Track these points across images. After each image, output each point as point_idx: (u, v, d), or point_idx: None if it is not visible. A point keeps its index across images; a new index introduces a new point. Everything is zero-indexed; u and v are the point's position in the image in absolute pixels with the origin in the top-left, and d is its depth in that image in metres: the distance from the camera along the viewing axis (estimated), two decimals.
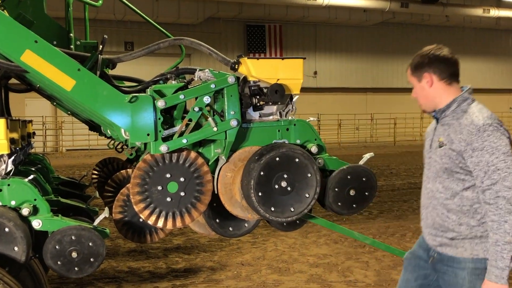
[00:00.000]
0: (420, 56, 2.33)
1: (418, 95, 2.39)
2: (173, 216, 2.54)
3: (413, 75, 2.36)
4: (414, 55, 2.39)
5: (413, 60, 2.37)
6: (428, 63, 2.30)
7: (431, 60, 2.30)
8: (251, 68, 2.54)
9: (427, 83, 2.32)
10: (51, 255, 2.55)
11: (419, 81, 2.35)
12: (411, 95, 2.45)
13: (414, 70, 2.35)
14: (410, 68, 2.38)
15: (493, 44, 29.49)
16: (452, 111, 2.30)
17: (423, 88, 2.34)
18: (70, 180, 4.59)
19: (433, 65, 2.30)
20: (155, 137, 2.38)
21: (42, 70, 2.21)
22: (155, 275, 5.21)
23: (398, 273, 5.13)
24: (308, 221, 3.01)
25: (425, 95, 2.36)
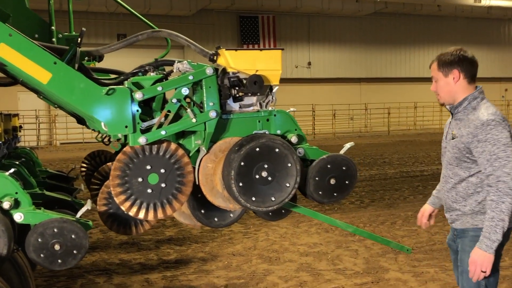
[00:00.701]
0: (450, 54, 2.61)
1: (441, 88, 2.66)
2: (154, 207, 2.55)
3: (440, 69, 2.63)
4: (440, 53, 2.66)
5: (441, 56, 2.64)
6: (458, 61, 2.59)
7: (461, 59, 2.60)
8: (230, 59, 2.55)
9: (453, 79, 2.61)
10: (33, 248, 2.56)
11: (445, 76, 2.62)
12: (431, 88, 2.71)
13: (442, 66, 2.62)
14: (437, 63, 2.65)
15: (485, 33, 29.54)
16: (464, 108, 2.62)
17: (448, 83, 2.62)
18: (58, 173, 4.60)
19: (462, 64, 2.60)
20: (134, 129, 2.39)
21: (17, 63, 2.21)
22: (146, 267, 5.24)
23: (387, 261, 5.21)
24: None
25: (449, 89, 2.64)
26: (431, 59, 2.78)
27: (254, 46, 24.45)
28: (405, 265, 5.10)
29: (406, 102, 26.98)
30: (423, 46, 28.30)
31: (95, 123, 2.71)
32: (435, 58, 2.69)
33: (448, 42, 28.65)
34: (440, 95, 2.67)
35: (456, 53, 2.60)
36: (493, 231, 2.44)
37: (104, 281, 4.81)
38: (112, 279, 4.85)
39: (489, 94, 12.38)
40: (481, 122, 2.49)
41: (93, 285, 4.71)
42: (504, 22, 30.23)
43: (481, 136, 2.48)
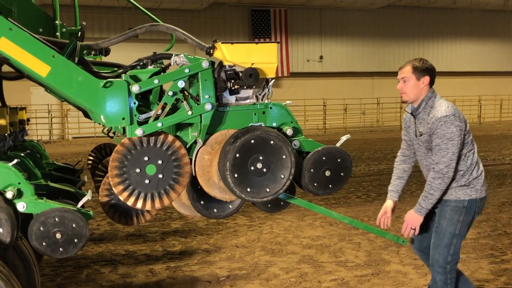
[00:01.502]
0: (423, 62, 3.16)
1: (410, 89, 3.17)
2: (152, 197, 2.61)
3: (414, 73, 3.15)
4: (413, 59, 3.18)
5: (415, 63, 3.15)
6: (429, 70, 3.16)
7: (431, 69, 3.18)
8: (226, 52, 2.59)
9: (423, 83, 3.15)
10: (35, 236, 2.64)
11: (417, 79, 3.15)
12: (398, 87, 3.23)
13: (416, 71, 3.14)
14: (412, 67, 3.15)
15: (501, 26, 29.10)
16: (423, 108, 3.18)
17: (418, 85, 3.14)
18: (65, 166, 4.68)
19: (432, 73, 3.18)
20: (131, 121, 2.44)
21: (17, 57, 2.28)
22: (151, 258, 5.33)
23: (389, 254, 5.24)
24: None
25: (417, 90, 3.16)
26: (445, 52, 3.43)
27: (266, 40, 24.44)
28: (406, 258, 5.12)
29: None
30: (438, 39, 27.97)
31: (95, 115, 2.78)
32: (407, 63, 3.19)
33: (463, 35, 28.36)
34: (407, 93, 3.18)
35: (428, 62, 3.17)
36: (423, 200, 3.15)
37: (109, 271, 4.92)
38: (117, 269, 4.95)
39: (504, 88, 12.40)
40: (436, 119, 3.07)
41: (99, 275, 4.81)
42: None
43: (435, 130, 3.07)
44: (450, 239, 3.19)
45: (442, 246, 3.21)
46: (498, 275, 4.71)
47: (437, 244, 3.23)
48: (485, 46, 29.02)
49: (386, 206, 3.39)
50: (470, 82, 28.84)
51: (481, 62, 29.08)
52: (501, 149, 14.97)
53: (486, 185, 3.34)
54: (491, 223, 6.56)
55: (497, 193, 8.52)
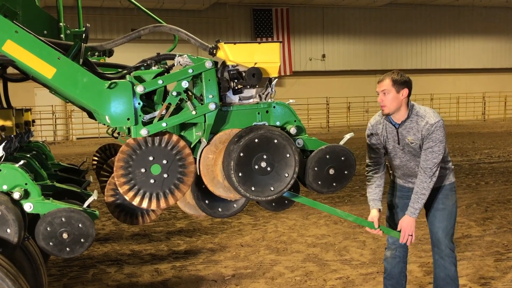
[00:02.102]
0: (401, 75, 3.29)
1: (390, 101, 3.28)
2: (157, 197, 2.63)
3: (394, 86, 3.27)
4: (391, 72, 3.31)
5: (393, 76, 3.28)
6: (407, 82, 3.30)
7: (409, 82, 3.32)
8: (228, 52, 2.61)
9: (402, 95, 3.27)
10: (42, 236, 2.66)
11: (397, 92, 3.27)
12: (379, 99, 3.33)
13: (396, 84, 3.26)
14: (391, 80, 3.27)
15: (503, 23, 28.99)
16: (410, 119, 3.32)
17: (398, 97, 3.26)
18: (70, 166, 4.71)
19: (410, 85, 3.32)
20: (135, 121, 2.46)
21: (23, 59, 2.30)
22: (156, 257, 5.36)
23: None
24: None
25: (397, 102, 3.28)
26: (448, 50, 3.55)
27: (268, 39, 24.45)
28: (411, 256, 5.13)
29: (422, 94, 26.68)
30: (440, 37, 27.90)
31: (100, 116, 2.80)
32: (385, 76, 3.31)
33: (466, 32, 28.28)
34: (387, 106, 3.28)
35: (405, 75, 3.32)
36: (416, 202, 3.29)
37: (115, 271, 4.95)
38: (123, 269, 4.98)
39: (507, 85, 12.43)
40: (430, 125, 3.25)
41: (104, 275, 4.84)
42: None
43: (429, 134, 3.25)
44: (455, 218, 3.49)
45: (450, 227, 3.45)
46: (504, 272, 4.71)
47: (445, 225, 3.44)
48: (488, 43, 28.92)
49: (373, 216, 3.42)
50: (473, 79, 28.77)
51: (484, 59, 29.00)
52: (506, 146, 14.94)
53: None
54: (497, 221, 6.55)
55: (502, 190, 8.51)
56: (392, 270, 3.63)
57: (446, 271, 3.48)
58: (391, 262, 3.62)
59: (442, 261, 3.48)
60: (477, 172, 10.40)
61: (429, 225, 3.58)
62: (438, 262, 3.51)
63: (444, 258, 3.47)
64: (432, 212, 3.51)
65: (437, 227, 3.46)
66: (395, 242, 3.60)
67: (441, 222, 3.45)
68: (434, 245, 3.52)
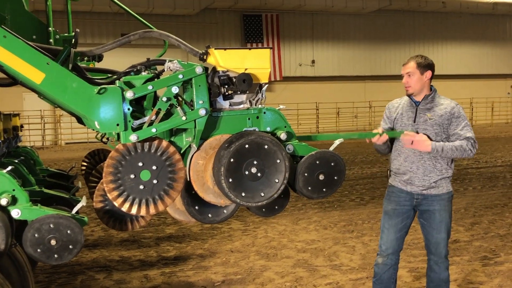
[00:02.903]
0: (425, 59, 3.51)
1: (415, 82, 3.47)
2: (146, 203, 2.61)
3: (418, 68, 3.47)
4: (416, 56, 3.55)
5: (418, 59, 3.50)
6: (431, 65, 3.52)
7: (432, 65, 3.54)
8: (219, 58, 2.61)
9: (426, 77, 3.48)
10: (30, 243, 2.63)
11: (421, 74, 3.46)
12: (403, 81, 3.52)
13: (420, 66, 3.46)
14: (416, 63, 3.48)
15: (490, 30, 29.39)
16: (432, 98, 3.51)
17: (422, 79, 3.45)
18: (58, 172, 4.68)
19: (433, 68, 3.53)
20: (125, 127, 2.45)
21: (12, 64, 2.28)
22: (146, 263, 5.32)
23: None
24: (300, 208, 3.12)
25: (421, 84, 3.47)
26: (436, 56, 3.88)
27: (258, 45, 24.50)
28: (400, 261, 5.12)
29: None
30: (428, 43, 28.18)
31: (89, 121, 2.78)
32: (410, 59, 3.53)
33: (453, 38, 28.59)
34: (412, 86, 3.47)
35: (429, 59, 3.53)
36: (444, 147, 3.36)
37: (104, 277, 4.90)
38: (111, 275, 4.94)
39: (494, 91, 12.53)
40: (454, 105, 3.48)
41: (93, 281, 4.80)
42: (510, 18, 30.03)
43: (455, 113, 3.43)
44: (450, 227, 3.56)
45: (446, 238, 3.53)
46: (492, 277, 4.75)
47: (442, 237, 3.52)
48: (475, 49, 29.26)
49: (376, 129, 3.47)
50: (461, 85, 29.04)
51: (472, 65, 29.32)
52: (493, 151, 15.09)
53: None
54: (484, 226, 6.61)
55: (489, 195, 8.59)
56: (382, 276, 3.65)
57: (441, 276, 3.57)
58: (382, 268, 3.65)
59: (437, 267, 3.57)
60: (465, 177, 10.49)
61: (425, 234, 3.60)
62: (434, 267, 3.58)
63: (439, 265, 3.56)
64: (430, 223, 3.54)
65: (435, 237, 3.53)
66: (387, 249, 3.61)
67: (439, 233, 3.52)
68: (431, 253, 3.59)
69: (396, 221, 3.58)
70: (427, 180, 3.48)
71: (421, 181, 3.49)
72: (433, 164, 3.48)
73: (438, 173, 3.48)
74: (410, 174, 3.52)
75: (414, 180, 3.50)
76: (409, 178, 3.52)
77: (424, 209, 3.55)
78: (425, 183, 3.49)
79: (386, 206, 3.66)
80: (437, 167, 3.48)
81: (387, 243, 3.61)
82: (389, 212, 3.63)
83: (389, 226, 3.60)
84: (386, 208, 3.66)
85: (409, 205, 3.57)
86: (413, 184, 3.52)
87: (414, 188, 3.52)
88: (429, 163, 3.47)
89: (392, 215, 3.60)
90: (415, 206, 3.57)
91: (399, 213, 3.58)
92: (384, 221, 3.65)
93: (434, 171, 3.47)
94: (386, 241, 3.62)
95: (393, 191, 3.63)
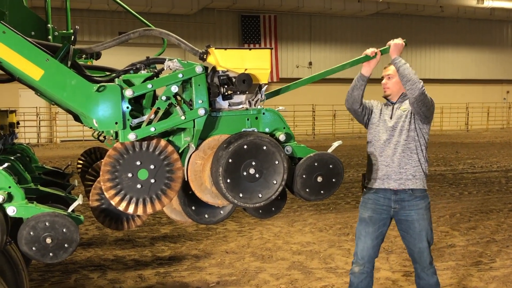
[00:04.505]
0: None
1: (394, 84, 3.63)
2: (143, 202, 2.59)
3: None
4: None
5: None
6: None
7: None
8: (219, 58, 2.59)
9: None
10: (25, 241, 2.60)
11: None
12: (383, 82, 3.67)
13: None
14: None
15: (487, 35, 29.54)
16: (402, 98, 3.64)
17: (399, 82, 3.55)
18: (54, 169, 4.64)
19: None
20: (123, 126, 2.43)
21: (10, 60, 2.26)
22: (140, 263, 5.30)
23: (378, 260, 5.21)
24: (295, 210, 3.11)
25: (399, 86, 3.60)
26: (433, 60, 4.38)
27: (255, 46, 24.51)
28: (396, 265, 5.15)
29: None
30: (425, 47, 28.27)
31: (87, 119, 2.77)
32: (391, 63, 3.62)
33: (450, 43, 28.69)
34: (390, 88, 3.63)
35: None
36: (406, 67, 3.46)
37: (98, 276, 4.87)
38: (106, 275, 4.91)
39: (491, 96, 12.61)
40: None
41: (87, 280, 4.77)
42: (507, 24, 30.20)
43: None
44: (431, 235, 3.54)
45: (428, 246, 3.52)
46: (487, 282, 4.75)
47: (424, 246, 3.50)
48: (472, 54, 29.39)
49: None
50: (457, 90, 29.17)
51: (468, 70, 29.44)
52: (489, 157, 15.14)
53: None
54: (480, 230, 6.62)
55: (485, 200, 8.61)
56: (359, 284, 3.57)
57: (430, 281, 3.55)
58: (358, 277, 3.58)
59: (425, 274, 3.55)
60: (460, 182, 10.52)
61: (407, 244, 3.58)
62: (421, 274, 3.57)
63: (426, 272, 3.55)
64: (410, 234, 3.52)
65: (418, 247, 3.51)
66: (363, 258, 3.57)
67: (421, 242, 3.50)
68: (415, 262, 3.57)
69: (373, 229, 3.54)
70: (403, 173, 3.47)
71: (397, 174, 3.47)
72: (408, 156, 3.48)
73: (414, 164, 3.47)
74: (386, 169, 3.50)
75: (390, 174, 3.48)
76: (385, 173, 3.50)
77: (402, 219, 3.51)
78: (401, 176, 3.47)
79: (363, 213, 3.60)
80: (413, 158, 3.48)
81: (363, 251, 3.56)
82: (366, 220, 3.56)
83: (366, 233, 3.55)
84: (363, 215, 3.59)
85: (385, 213, 3.52)
86: (389, 179, 3.49)
87: (391, 183, 3.48)
88: (403, 154, 3.48)
89: (369, 222, 3.55)
90: (392, 215, 3.54)
91: (376, 220, 3.53)
92: (361, 229, 3.59)
93: (409, 162, 3.47)
94: (362, 249, 3.57)
95: (369, 197, 3.57)
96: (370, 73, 3.62)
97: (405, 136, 3.50)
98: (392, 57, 3.53)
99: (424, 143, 3.55)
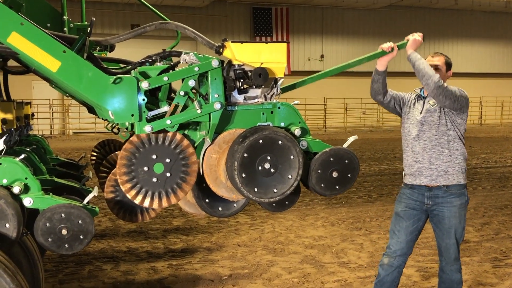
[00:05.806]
0: (450, 60, 3.69)
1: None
2: (159, 196, 2.60)
3: (445, 65, 3.62)
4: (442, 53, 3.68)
5: (447, 58, 3.65)
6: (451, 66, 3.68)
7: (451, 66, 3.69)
8: (235, 52, 2.58)
9: (448, 74, 3.64)
10: (41, 232, 2.63)
11: (446, 71, 3.62)
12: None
13: (447, 64, 3.63)
14: (445, 60, 3.63)
15: (502, 28, 29.08)
16: None
17: (445, 76, 3.58)
18: (68, 161, 4.67)
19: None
20: (139, 118, 2.43)
21: (28, 51, 2.27)
22: (153, 255, 5.32)
23: None
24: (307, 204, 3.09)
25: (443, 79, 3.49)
26: (447, 53, 3.72)
27: (267, 39, 24.41)
28: (409, 260, 5.08)
29: None
30: (439, 40, 27.93)
31: (103, 111, 2.77)
32: (439, 54, 3.65)
33: (465, 36, 28.32)
34: None
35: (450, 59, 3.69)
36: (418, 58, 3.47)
37: (111, 268, 4.91)
38: (119, 266, 4.95)
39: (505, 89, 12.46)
40: None
41: (100, 272, 4.81)
42: None
43: None
44: (461, 233, 3.49)
45: (456, 243, 3.48)
46: (502, 279, 4.71)
47: (451, 242, 3.47)
48: (486, 48, 29.00)
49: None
50: (471, 83, 28.75)
51: (482, 64, 29.08)
52: (503, 151, 14.98)
53: None
54: (494, 226, 6.56)
55: (499, 196, 8.52)
56: (385, 277, 3.55)
57: (452, 277, 3.53)
58: (386, 269, 3.55)
59: (448, 269, 3.53)
60: (474, 177, 10.42)
61: (436, 237, 3.56)
62: (445, 268, 3.54)
63: (450, 267, 3.53)
64: (440, 228, 3.50)
65: (445, 242, 3.49)
66: (395, 251, 3.53)
67: (449, 239, 3.48)
68: (442, 255, 3.54)
69: (407, 224, 3.51)
70: (434, 169, 3.41)
71: (428, 170, 3.42)
72: (439, 151, 3.42)
73: (445, 159, 3.40)
74: (417, 165, 3.46)
75: (421, 170, 3.44)
76: (416, 169, 3.46)
77: (434, 214, 3.50)
78: (432, 172, 3.42)
79: (397, 207, 3.58)
80: (444, 153, 3.41)
81: (397, 245, 3.53)
82: (399, 214, 3.55)
83: (400, 228, 3.54)
84: (397, 209, 3.58)
85: (419, 208, 3.50)
86: (421, 175, 3.45)
87: (423, 179, 3.44)
88: (433, 150, 3.42)
89: (403, 217, 3.53)
90: (426, 210, 3.51)
91: (410, 215, 3.51)
92: (395, 223, 3.57)
93: (440, 158, 3.41)
94: (396, 243, 3.54)
95: (404, 192, 3.56)
96: (385, 67, 3.59)
97: (435, 131, 3.43)
98: (408, 52, 3.51)
99: (458, 136, 3.45)
